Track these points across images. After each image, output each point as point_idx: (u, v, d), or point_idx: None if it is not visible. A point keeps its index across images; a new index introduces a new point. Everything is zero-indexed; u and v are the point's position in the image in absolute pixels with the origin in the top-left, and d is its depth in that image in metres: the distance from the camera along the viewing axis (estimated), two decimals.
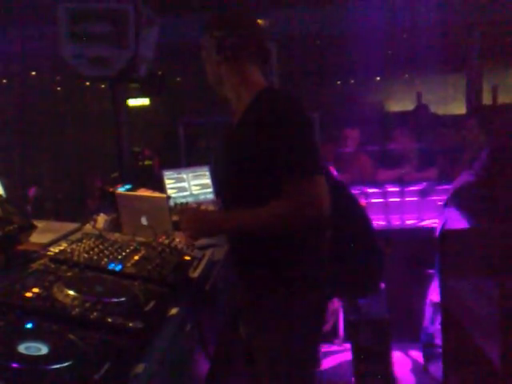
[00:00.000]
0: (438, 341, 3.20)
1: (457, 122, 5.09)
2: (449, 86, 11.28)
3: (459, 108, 7.37)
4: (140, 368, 1.23)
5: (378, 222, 3.78)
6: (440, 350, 3.03)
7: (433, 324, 3.35)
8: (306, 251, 1.73)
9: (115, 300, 1.43)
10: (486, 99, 9.21)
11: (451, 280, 2.55)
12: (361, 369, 3.07)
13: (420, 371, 3.44)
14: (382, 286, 3.07)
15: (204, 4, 6.48)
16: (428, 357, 3.44)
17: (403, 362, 3.55)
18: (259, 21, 1.87)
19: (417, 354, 3.57)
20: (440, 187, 4.05)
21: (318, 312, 1.79)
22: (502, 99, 9.89)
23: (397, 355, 3.40)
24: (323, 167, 1.67)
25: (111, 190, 2.63)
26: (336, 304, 3.57)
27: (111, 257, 1.76)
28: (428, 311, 3.39)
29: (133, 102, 9.29)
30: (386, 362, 3.07)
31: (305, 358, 1.76)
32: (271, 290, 1.71)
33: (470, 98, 6.61)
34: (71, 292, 1.41)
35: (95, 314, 1.33)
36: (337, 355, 3.65)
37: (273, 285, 1.71)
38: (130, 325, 1.31)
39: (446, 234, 2.78)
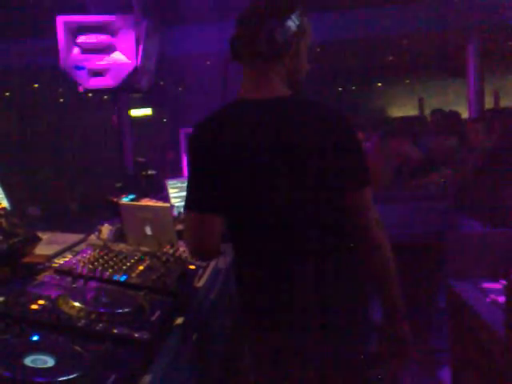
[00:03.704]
0: (446, 346, 3.19)
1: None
2: (450, 90, 11.30)
3: (461, 112, 7.37)
4: (146, 379, 1.23)
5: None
6: (448, 356, 3.01)
7: (440, 329, 3.34)
8: None
9: (120, 311, 1.43)
10: (488, 103, 9.23)
11: (457, 285, 2.54)
12: (367, 374, 3.05)
13: (428, 377, 3.42)
14: None
15: (204, 16, 6.52)
16: (436, 362, 3.42)
17: (411, 368, 3.53)
18: None
19: (424, 360, 3.55)
20: (443, 191, 4.05)
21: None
22: (503, 103, 9.92)
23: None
24: (200, 201, 1.53)
25: (115, 200, 2.63)
26: None
27: (116, 267, 1.76)
28: (435, 316, 3.38)
29: (135, 113, 9.33)
30: (394, 368, 3.05)
31: None
32: None
33: (472, 103, 6.61)
34: (76, 304, 1.41)
35: (101, 325, 1.33)
36: None
37: None
38: (136, 335, 1.31)
39: (451, 239, 2.77)
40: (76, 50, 3.17)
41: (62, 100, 10.28)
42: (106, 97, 6.90)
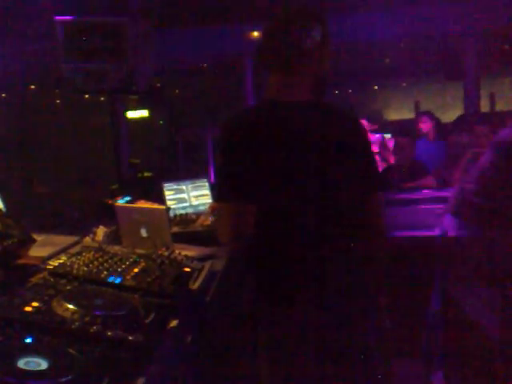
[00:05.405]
0: (440, 350, 3.19)
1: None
2: (446, 94, 11.32)
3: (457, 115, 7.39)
4: (140, 382, 1.23)
5: None
6: (442, 359, 3.01)
7: (434, 333, 3.34)
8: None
9: (115, 313, 1.43)
10: (484, 107, 9.25)
11: (452, 289, 2.55)
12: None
13: (422, 381, 3.42)
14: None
15: (200, 18, 6.53)
16: (430, 366, 3.42)
17: (404, 372, 3.53)
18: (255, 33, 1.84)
19: (418, 364, 3.55)
20: (438, 195, 4.05)
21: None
22: (499, 107, 9.95)
23: (398, 365, 3.37)
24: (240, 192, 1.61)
25: (110, 202, 2.63)
26: None
27: (111, 269, 1.76)
28: (429, 320, 3.37)
29: (131, 114, 9.31)
30: (388, 372, 3.05)
31: None
32: None
33: (468, 106, 6.63)
34: (71, 306, 1.41)
35: (95, 327, 1.32)
36: None
37: None
38: (130, 338, 1.31)
39: (446, 243, 2.78)
40: (74, 52, 3.17)
41: (58, 101, 10.27)
42: (102, 98, 6.89)
